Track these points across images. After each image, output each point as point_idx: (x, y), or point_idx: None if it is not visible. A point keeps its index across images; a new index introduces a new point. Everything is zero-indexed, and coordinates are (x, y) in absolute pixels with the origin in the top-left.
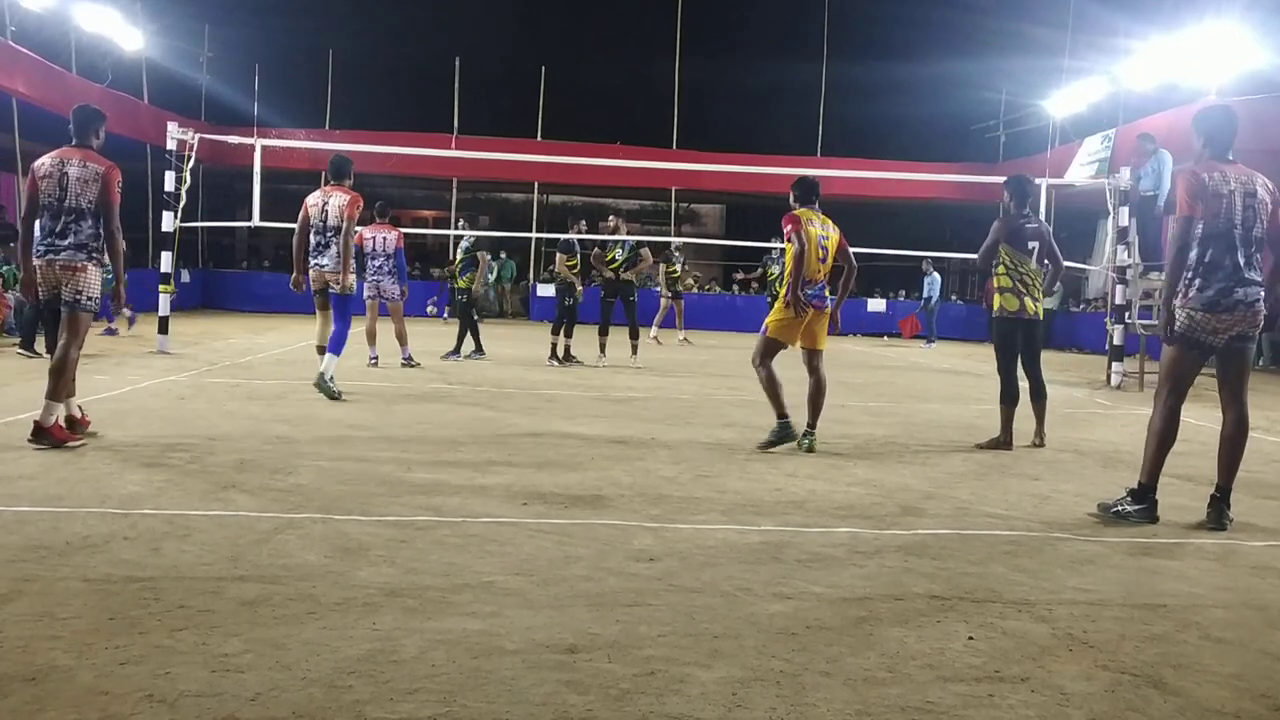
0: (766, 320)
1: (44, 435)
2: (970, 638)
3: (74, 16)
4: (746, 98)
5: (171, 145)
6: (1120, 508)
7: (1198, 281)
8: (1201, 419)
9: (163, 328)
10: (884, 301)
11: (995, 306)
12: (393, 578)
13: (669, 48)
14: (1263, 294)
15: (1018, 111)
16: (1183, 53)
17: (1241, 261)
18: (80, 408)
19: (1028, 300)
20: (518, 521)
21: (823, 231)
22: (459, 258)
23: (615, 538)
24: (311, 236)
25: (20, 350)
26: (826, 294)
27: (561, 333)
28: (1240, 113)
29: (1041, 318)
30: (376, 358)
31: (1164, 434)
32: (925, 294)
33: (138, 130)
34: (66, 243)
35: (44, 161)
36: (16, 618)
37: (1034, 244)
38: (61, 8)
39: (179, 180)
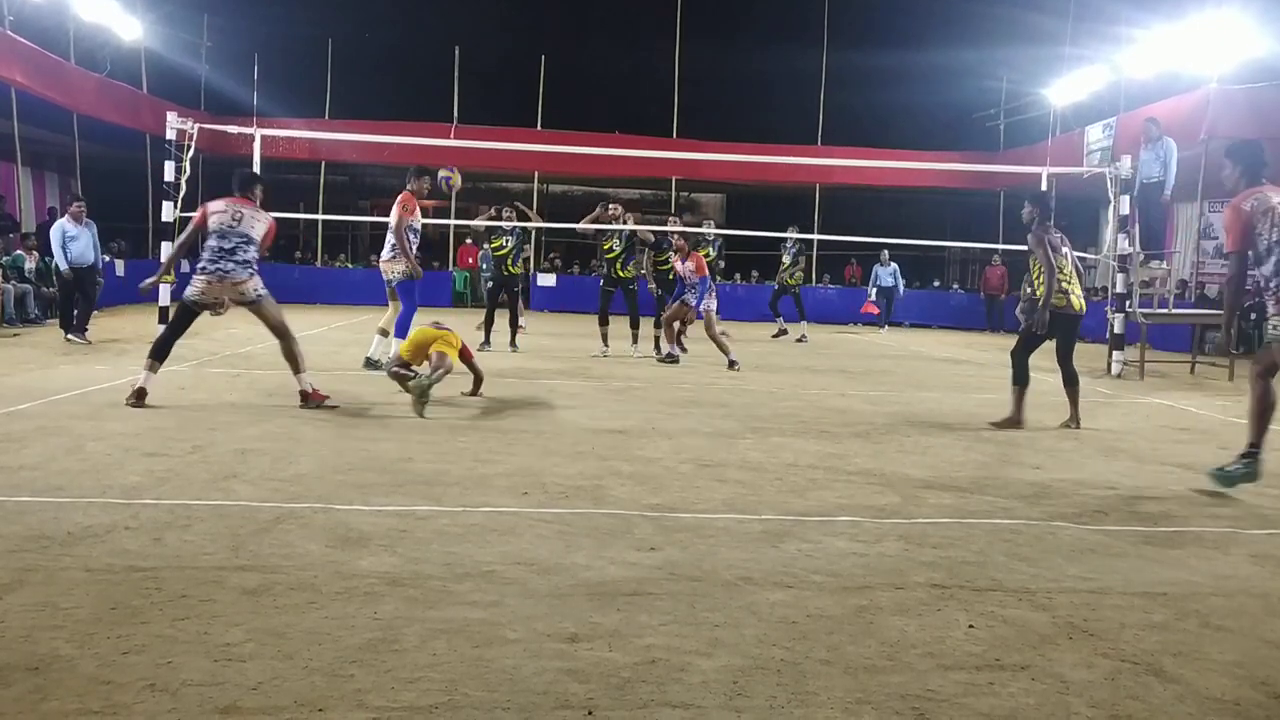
0: None
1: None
2: (971, 626)
3: (72, 6)
4: (747, 86)
5: (171, 135)
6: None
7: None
8: (1203, 408)
9: (163, 318)
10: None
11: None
12: (394, 567)
13: (669, 36)
14: None
15: (1018, 100)
16: (1184, 41)
17: None
18: (311, 384)
19: (1073, 298)
20: (518, 511)
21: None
22: (514, 247)
23: (616, 527)
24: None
25: (70, 337)
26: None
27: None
28: (1240, 100)
29: (1083, 312)
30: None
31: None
32: (881, 282)
33: (137, 120)
34: (235, 260)
35: (218, 203)
36: (19, 607)
37: (1065, 249)
38: None
39: (179, 170)
